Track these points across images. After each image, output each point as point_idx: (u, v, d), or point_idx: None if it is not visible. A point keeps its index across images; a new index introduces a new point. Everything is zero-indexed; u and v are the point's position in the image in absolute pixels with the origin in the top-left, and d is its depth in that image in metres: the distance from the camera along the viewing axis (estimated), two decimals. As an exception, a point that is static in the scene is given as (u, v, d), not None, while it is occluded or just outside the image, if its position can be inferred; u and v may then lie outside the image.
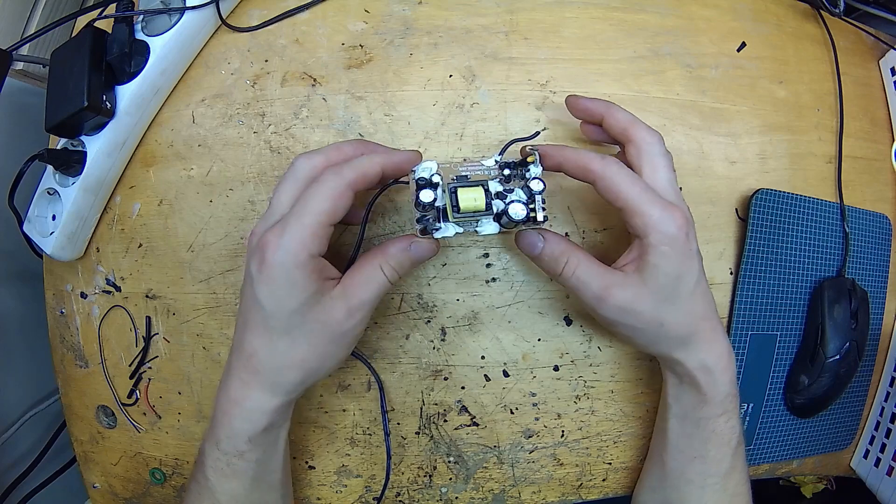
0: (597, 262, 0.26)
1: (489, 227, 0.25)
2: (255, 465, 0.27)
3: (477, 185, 0.25)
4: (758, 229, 0.36)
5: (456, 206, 0.25)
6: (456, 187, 0.25)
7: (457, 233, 0.25)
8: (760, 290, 0.36)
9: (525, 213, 0.25)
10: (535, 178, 0.25)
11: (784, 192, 0.36)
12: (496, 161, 0.26)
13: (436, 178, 0.25)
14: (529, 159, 0.26)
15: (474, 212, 0.25)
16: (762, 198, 0.35)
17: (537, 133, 0.28)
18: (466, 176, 0.26)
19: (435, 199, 0.24)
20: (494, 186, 0.26)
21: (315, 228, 0.23)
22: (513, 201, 0.25)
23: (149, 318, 0.35)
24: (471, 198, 0.25)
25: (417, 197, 0.24)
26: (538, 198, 0.25)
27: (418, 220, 0.25)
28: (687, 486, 0.30)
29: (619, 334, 0.28)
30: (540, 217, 0.25)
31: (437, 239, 0.26)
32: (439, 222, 0.25)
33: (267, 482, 0.28)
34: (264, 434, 0.26)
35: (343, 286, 0.25)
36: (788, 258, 0.37)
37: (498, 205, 0.25)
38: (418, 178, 0.25)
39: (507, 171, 0.26)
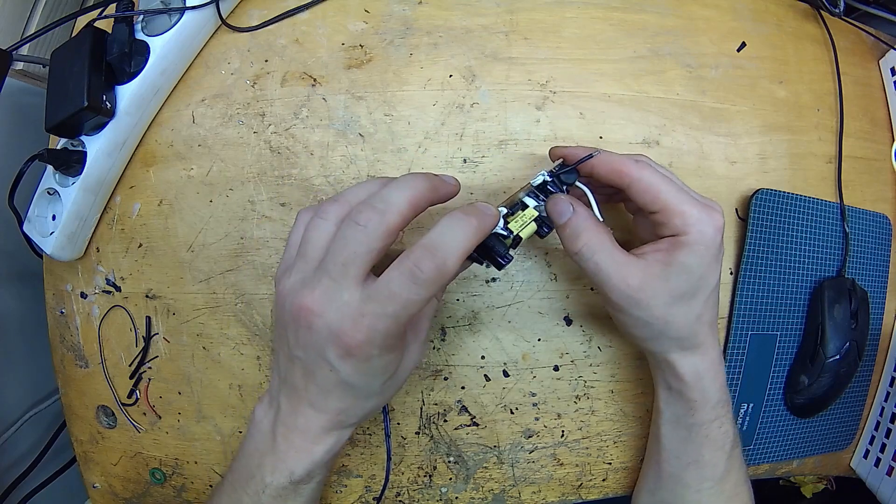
0: (619, 250, 0.26)
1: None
2: (317, 485, 0.27)
3: (531, 222, 0.26)
4: (758, 229, 0.35)
5: (517, 241, 0.25)
6: (519, 234, 0.25)
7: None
8: (760, 290, 0.36)
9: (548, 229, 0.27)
10: (570, 173, 0.27)
11: (784, 192, 0.36)
12: (544, 179, 0.27)
13: (504, 231, 0.25)
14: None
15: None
16: (762, 198, 0.35)
17: (591, 155, 0.27)
18: (517, 203, 0.27)
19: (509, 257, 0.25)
20: (531, 203, 0.26)
21: (406, 322, 0.22)
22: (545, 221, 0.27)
23: (149, 318, 0.35)
24: (530, 233, 0.26)
25: (501, 264, 0.25)
26: (565, 188, 0.27)
27: (481, 258, 0.25)
28: (684, 490, 0.30)
29: (622, 322, 0.28)
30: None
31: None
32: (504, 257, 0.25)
33: (318, 495, 0.29)
34: (332, 457, 0.27)
35: (412, 330, 0.26)
36: (788, 258, 0.37)
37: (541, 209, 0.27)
38: (490, 239, 0.25)
39: (551, 188, 0.27)
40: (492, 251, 0.24)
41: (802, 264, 0.37)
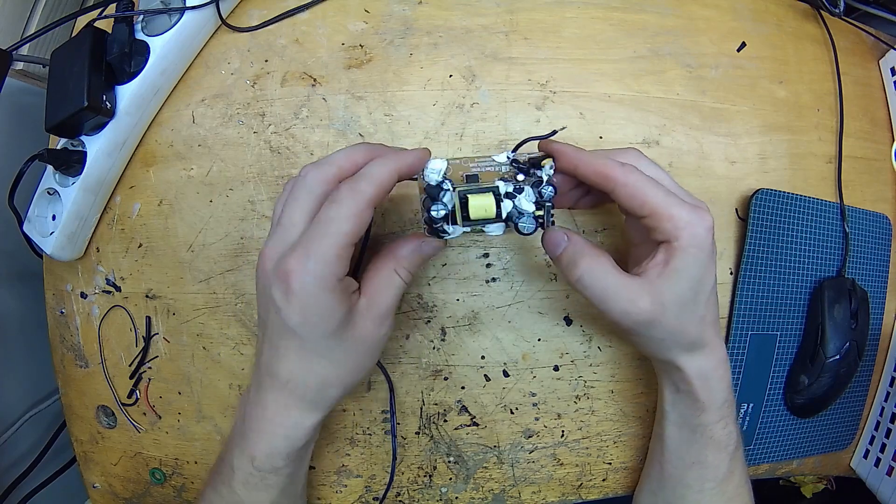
0: (621, 272, 0.25)
1: (496, 228, 0.25)
2: (286, 479, 0.27)
3: (487, 192, 0.24)
4: (758, 229, 0.35)
5: (466, 214, 0.24)
6: (466, 193, 0.24)
7: (464, 232, 0.25)
8: (760, 290, 0.36)
9: (534, 226, 0.25)
10: (548, 185, 0.25)
11: (784, 192, 0.36)
12: (508, 158, 0.26)
13: (445, 185, 0.25)
14: (544, 163, 0.25)
15: (484, 220, 0.25)
16: (762, 198, 0.35)
17: (555, 132, 0.26)
18: (476, 176, 0.26)
19: (446, 214, 0.24)
20: (504, 187, 0.25)
21: (340, 251, 0.23)
22: (523, 215, 0.25)
23: (149, 318, 0.35)
24: (481, 206, 0.24)
25: (429, 212, 0.24)
26: (549, 206, 0.25)
27: (429, 226, 0.25)
28: (685, 491, 0.30)
29: (636, 342, 0.27)
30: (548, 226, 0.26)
31: (440, 241, 0.26)
32: (448, 225, 0.25)
33: (293, 492, 0.28)
34: (301, 449, 0.27)
35: (367, 298, 0.25)
36: (788, 258, 0.37)
37: (507, 207, 0.25)
38: (427, 187, 0.24)
39: (520, 177, 0.26)
40: (428, 201, 0.24)
41: (802, 264, 0.37)
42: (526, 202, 0.25)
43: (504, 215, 0.25)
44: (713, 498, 0.29)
